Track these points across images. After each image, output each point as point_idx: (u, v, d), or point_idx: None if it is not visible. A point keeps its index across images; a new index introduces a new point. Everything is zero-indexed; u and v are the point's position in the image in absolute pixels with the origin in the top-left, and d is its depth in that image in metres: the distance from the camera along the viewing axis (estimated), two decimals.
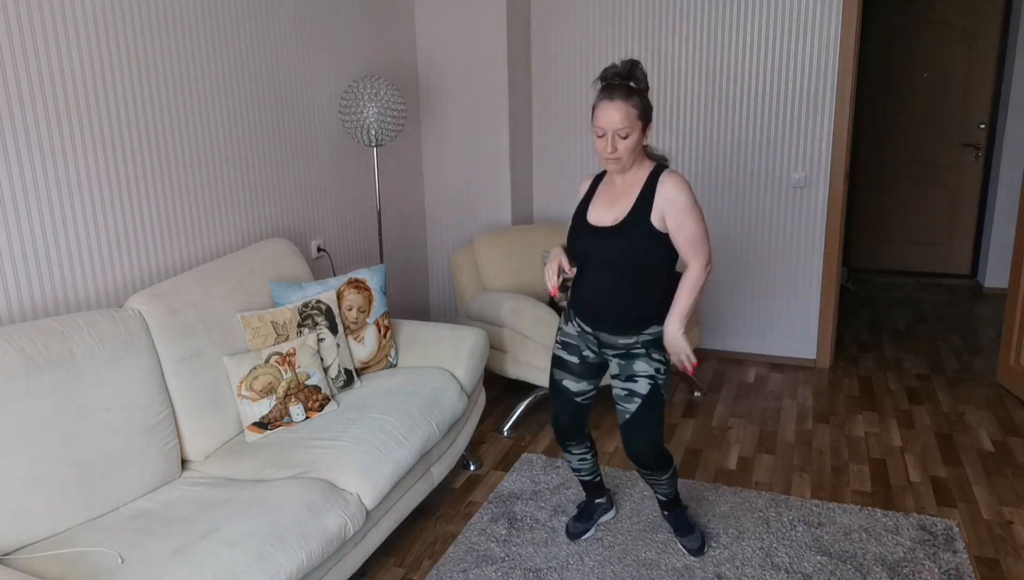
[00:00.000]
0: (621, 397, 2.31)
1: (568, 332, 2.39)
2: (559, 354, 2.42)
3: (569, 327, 2.39)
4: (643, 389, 2.26)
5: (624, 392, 2.30)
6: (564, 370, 2.41)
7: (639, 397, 2.27)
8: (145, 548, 1.82)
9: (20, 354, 1.91)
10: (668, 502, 2.54)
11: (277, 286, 2.72)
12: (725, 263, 4.26)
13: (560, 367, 2.41)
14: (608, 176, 2.30)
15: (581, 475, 2.60)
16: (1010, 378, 3.79)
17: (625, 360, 2.28)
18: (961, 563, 2.45)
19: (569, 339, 2.39)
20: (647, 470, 2.37)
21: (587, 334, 2.33)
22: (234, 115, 2.91)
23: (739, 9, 3.94)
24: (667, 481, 2.43)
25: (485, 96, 4.10)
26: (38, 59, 2.16)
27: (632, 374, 2.27)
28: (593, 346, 2.35)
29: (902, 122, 5.84)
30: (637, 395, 2.27)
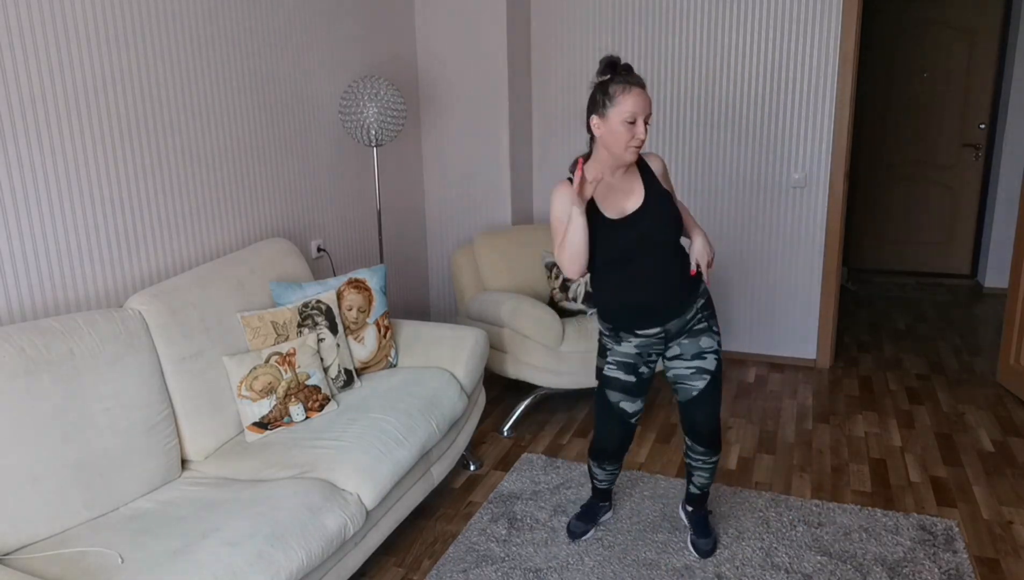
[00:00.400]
0: (686, 376, 2.30)
1: (623, 351, 2.30)
2: (615, 375, 2.32)
3: (623, 346, 2.30)
4: (711, 365, 2.29)
5: (690, 370, 2.29)
6: (622, 391, 2.33)
7: (708, 373, 2.29)
8: (145, 548, 1.82)
9: (20, 354, 1.91)
10: (701, 495, 2.53)
11: (277, 286, 2.72)
12: (725, 263, 4.26)
13: (617, 389, 2.33)
14: None
15: (602, 483, 2.60)
16: (1010, 378, 3.79)
17: (689, 338, 2.28)
18: (961, 563, 2.45)
19: (625, 358, 2.31)
20: (707, 449, 2.37)
21: (654, 338, 2.27)
22: (234, 115, 2.91)
23: (739, 9, 3.94)
24: (712, 467, 2.44)
25: (485, 96, 4.10)
26: (38, 59, 2.16)
27: (700, 351, 2.28)
28: (659, 348, 2.30)
29: (902, 122, 5.84)
30: (706, 372, 2.29)
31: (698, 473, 2.48)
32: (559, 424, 3.57)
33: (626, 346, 2.30)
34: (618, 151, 2.12)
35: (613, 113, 2.08)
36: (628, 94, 2.07)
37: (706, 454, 2.40)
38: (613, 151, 2.13)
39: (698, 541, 2.55)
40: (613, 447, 2.42)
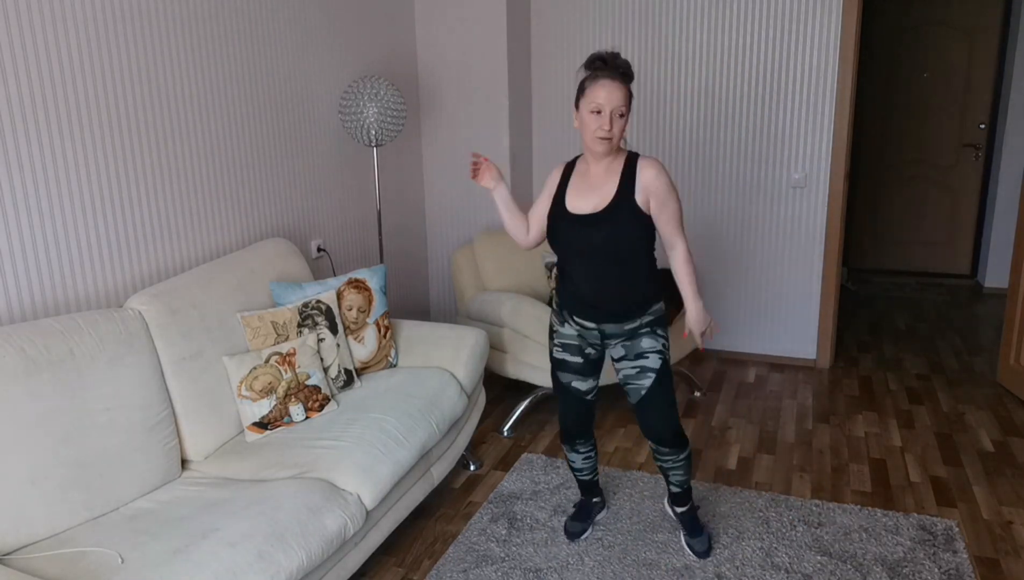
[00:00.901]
0: (632, 376, 2.30)
1: (566, 333, 2.37)
2: (560, 357, 2.39)
3: (566, 329, 2.36)
4: (655, 363, 2.29)
5: (635, 370, 2.30)
6: (569, 371, 2.39)
7: (652, 371, 2.29)
8: (145, 548, 1.82)
9: (20, 354, 1.91)
10: (682, 494, 2.52)
11: (277, 286, 2.72)
12: (725, 263, 4.26)
13: (564, 369, 2.40)
14: (581, 165, 2.27)
15: (582, 475, 2.61)
16: (1010, 378, 3.79)
17: (630, 340, 2.30)
18: (961, 563, 2.45)
19: (568, 340, 2.37)
20: (665, 448, 2.37)
21: (589, 330, 2.32)
22: (234, 115, 2.91)
23: (739, 9, 3.94)
24: (683, 463, 2.42)
25: (485, 96, 4.10)
26: (38, 59, 2.16)
27: (641, 351, 2.29)
28: (595, 341, 2.34)
29: (902, 122, 5.84)
30: (650, 370, 2.29)
31: (672, 472, 2.46)
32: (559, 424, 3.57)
33: (568, 328, 2.36)
34: (587, 142, 2.15)
35: (583, 104, 2.13)
36: (595, 85, 2.10)
37: (672, 453, 2.38)
38: (585, 142, 2.17)
39: (692, 541, 2.54)
40: (575, 425, 2.46)
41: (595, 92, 2.09)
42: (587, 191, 2.21)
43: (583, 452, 2.54)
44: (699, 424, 3.54)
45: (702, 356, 4.40)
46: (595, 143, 2.13)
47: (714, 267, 4.29)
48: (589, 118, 2.11)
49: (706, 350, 2.45)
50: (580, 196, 2.22)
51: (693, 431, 3.46)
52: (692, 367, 4.25)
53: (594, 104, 2.09)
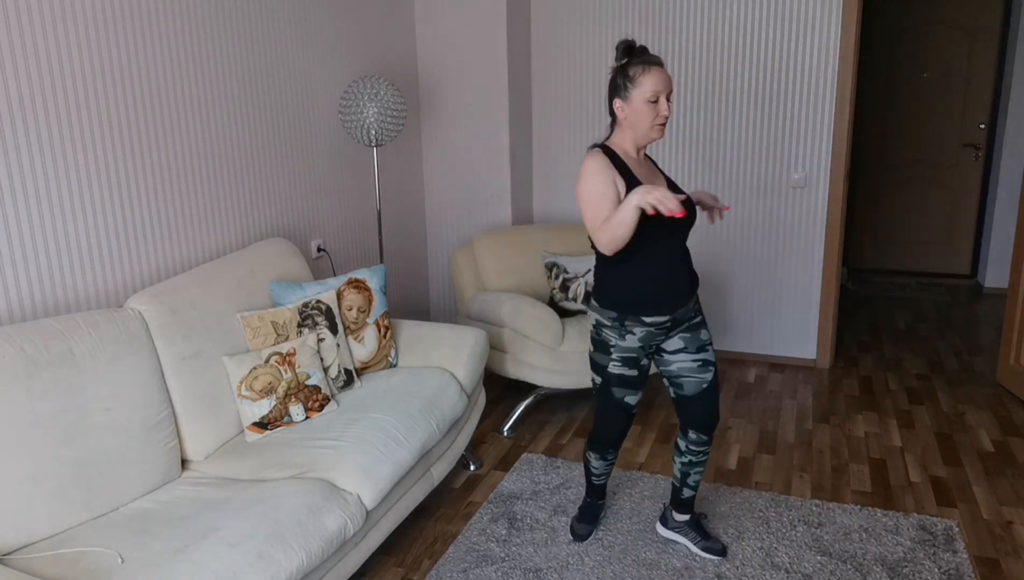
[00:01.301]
0: (692, 369, 2.33)
1: (627, 346, 2.26)
2: (619, 372, 2.29)
3: (627, 340, 2.25)
4: (712, 357, 2.37)
5: (696, 363, 2.33)
6: (627, 386, 2.32)
7: (712, 365, 2.35)
8: (145, 548, 1.82)
9: (20, 354, 1.91)
10: (692, 499, 2.53)
11: (277, 286, 2.72)
12: (725, 263, 4.26)
13: (623, 385, 2.32)
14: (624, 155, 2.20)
15: (598, 479, 2.60)
16: (1010, 378, 3.79)
17: (690, 333, 2.32)
18: (961, 563, 2.45)
19: (629, 353, 2.27)
20: (706, 437, 2.42)
21: (658, 329, 2.24)
22: (234, 115, 2.91)
23: (739, 9, 3.94)
24: (707, 456, 2.49)
25: (485, 96, 4.10)
26: (38, 59, 2.16)
27: (702, 344, 2.33)
28: (659, 339, 2.29)
29: (902, 122, 5.84)
30: (710, 364, 2.35)
31: (696, 470, 2.48)
32: (559, 424, 3.57)
33: (630, 339, 2.26)
34: (644, 130, 2.16)
35: (636, 94, 2.12)
36: (648, 74, 2.10)
37: (707, 443, 2.44)
38: (639, 131, 2.17)
39: (708, 544, 2.52)
40: (615, 437, 2.45)
41: (648, 80, 2.10)
42: (649, 176, 2.27)
43: (610, 459, 2.54)
44: None
45: None
46: (655, 130, 2.16)
47: (714, 267, 4.29)
48: (646, 108, 2.12)
49: None
50: (649, 180, 2.25)
51: None
52: None
53: (651, 92, 2.10)
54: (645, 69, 2.11)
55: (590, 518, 2.67)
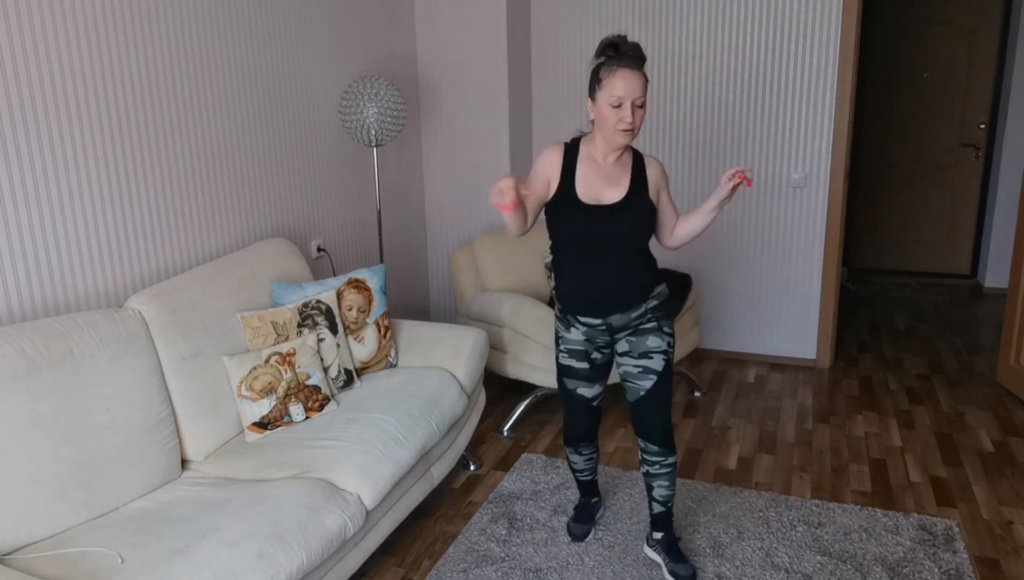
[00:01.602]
0: (633, 374, 2.28)
1: (572, 338, 2.31)
2: (567, 363, 2.35)
3: (571, 333, 2.31)
4: (658, 365, 2.26)
5: (637, 369, 2.27)
6: (576, 378, 2.35)
7: (654, 373, 2.26)
8: (145, 548, 1.82)
9: (20, 354, 1.91)
10: (665, 514, 2.41)
11: (277, 286, 2.72)
12: (725, 263, 4.26)
13: (571, 376, 2.36)
14: (589, 155, 2.18)
15: (583, 475, 2.60)
16: (1010, 378, 3.79)
17: (636, 337, 2.27)
18: (961, 563, 2.45)
19: (574, 346, 2.32)
20: (654, 447, 2.31)
21: (596, 329, 2.27)
22: (234, 115, 2.91)
23: (739, 9, 3.94)
24: (669, 472, 2.34)
25: (485, 96, 4.10)
26: (38, 59, 2.16)
27: (646, 350, 2.26)
28: (603, 338, 2.30)
29: (902, 122, 5.84)
30: (652, 372, 2.26)
31: (657, 483, 2.37)
32: (559, 424, 3.57)
33: (574, 333, 2.31)
34: (607, 134, 2.10)
35: (601, 96, 2.06)
36: (613, 76, 2.03)
37: (660, 454, 2.32)
38: (603, 134, 2.11)
39: (676, 568, 2.37)
40: (581, 431, 2.44)
41: (613, 84, 2.03)
42: (602, 184, 2.16)
43: (586, 454, 2.53)
44: (699, 424, 3.54)
45: (702, 356, 4.40)
46: (617, 136, 2.08)
47: (714, 267, 4.29)
48: (609, 112, 2.05)
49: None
50: (594, 188, 2.16)
51: (693, 431, 3.46)
52: (692, 367, 4.25)
53: (613, 97, 2.03)
54: (611, 71, 2.04)
55: (586, 517, 2.66)
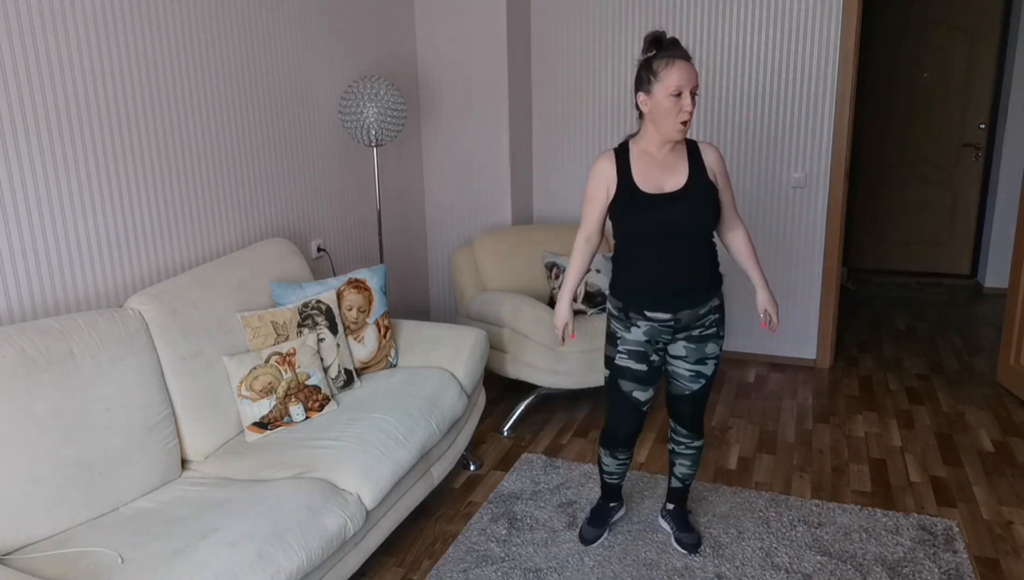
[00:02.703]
0: (684, 377, 2.33)
1: (633, 339, 2.27)
2: (626, 365, 2.29)
3: (632, 333, 2.27)
4: (710, 370, 2.34)
5: (690, 373, 2.33)
6: (634, 381, 2.31)
7: (704, 378, 2.34)
8: (145, 548, 1.82)
9: (20, 354, 1.91)
10: (683, 490, 2.55)
11: (277, 286, 2.72)
12: (725, 263, 4.26)
13: (629, 378, 2.31)
14: (640, 152, 2.21)
15: (612, 478, 2.57)
16: (1010, 378, 3.79)
17: (696, 343, 2.29)
18: (961, 563, 2.45)
19: (635, 346, 2.27)
20: (687, 431, 2.43)
21: (663, 325, 2.25)
22: (234, 115, 2.91)
23: (739, 9, 3.94)
24: (695, 454, 2.48)
25: (485, 96, 4.10)
26: (38, 59, 2.16)
27: (703, 357, 2.31)
28: (665, 337, 2.28)
29: (902, 122, 5.84)
30: (703, 376, 2.33)
31: (680, 461, 2.50)
32: (559, 424, 3.57)
33: (635, 333, 2.27)
34: (666, 126, 2.10)
35: (658, 88, 2.07)
36: (672, 67, 2.05)
37: (689, 437, 2.45)
38: (661, 127, 2.12)
39: (682, 536, 2.55)
40: (625, 434, 2.41)
41: (671, 74, 2.05)
42: (660, 174, 2.17)
43: (621, 459, 2.50)
44: None
45: None
46: (676, 128, 2.10)
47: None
48: (668, 102, 2.06)
49: None
50: (654, 179, 2.17)
51: None
52: None
53: (674, 87, 2.04)
54: (669, 63, 2.05)
55: (600, 522, 2.64)
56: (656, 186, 2.17)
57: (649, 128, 2.16)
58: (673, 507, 2.61)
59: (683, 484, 2.55)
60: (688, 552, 2.53)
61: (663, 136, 2.14)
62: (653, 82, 2.08)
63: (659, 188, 2.17)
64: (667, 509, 2.64)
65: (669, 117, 2.08)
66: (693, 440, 2.46)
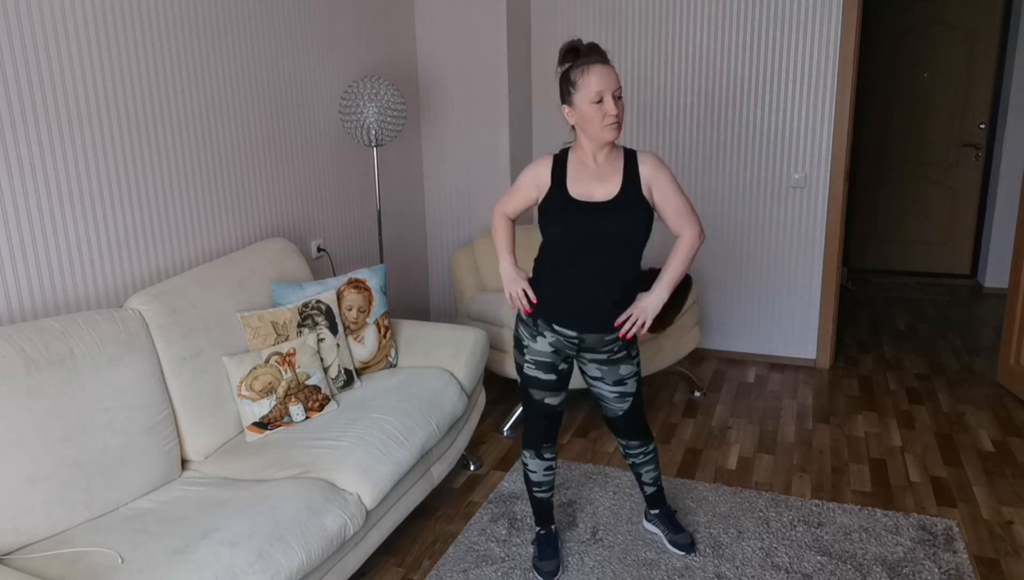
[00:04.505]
0: (609, 398, 2.34)
1: (539, 349, 2.24)
2: (534, 374, 2.27)
3: (538, 343, 2.23)
4: (632, 388, 2.32)
5: (613, 394, 2.32)
6: (543, 389, 2.28)
7: (631, 395, 2.33)
8: (145, 548, 1.82)
9: (20, 354, 1.91)
10: (657, 492, 2.55)
11: (277, 286, 2.72)
12: (725, 263, 4.26)
13: (538, 387, 2.28)
14: (576, 158, 2.17)
15: (540, 490, 2.46)
16: (1010, 378, 3.79)
17: (608, 366, 2.27)
18: (961, 563, 2.45)
19: (541, 357, 2.24)
20: (638, 442, 2.43)
21: (568, 341, 2.22)
22: (234, 115, 2.91)
23: (739, 9, 3.94)
24: (652, 457, 2.48)
25: (485, 96, 4.10)
26: (38, 59, 2.16)
27: (620, 378, 2.29)
28: (571, 352, 2.26)
29: (902, 122, 5.84)
30: (628, 395, 2.33)
31: (643, 468, 2.50)
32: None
33: (541, 342, 2.23)
34: (595, 132, 2.07)
35: (579, 98, 2.05)
36: (588, 74, 2.02)
37: (640, 445, 2.45)
38: (590, 134, 2.08)
39: (675, 537, 2.54)
40: (544, 434, 2.37)
41: (589, 82, 2.01)
42: (592, 182, 2.13)
43: (547, 459, 2.40)
44: (699, 424, 3.54)
45: (702, 356, 4.40)
46: (606, 131, 2.05)
47: (714, 267, 4.29)
48: (591, 109, 2.03)
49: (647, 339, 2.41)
50: (585, 186, 2.13)
51: (693, 431, 3.46)
52: (692, 367, 4.25)
53: (593, 93, 2.01)
54: (585, 70, 2.02)
55: (551, 551, 2.49)
56: (586, 193, 2.12)
57: (581, 137, 2.13)
58: (657, 511, 2.60)
59: (656, 486, 2.55)
60: (685, 552, 2.52)
61: (595, 142, 2.10)
62: (573, 93, 2.06)
63: (590, 196, 2.12)
64: (651, 514, 2.63)
65: (594, 123, 2.05)
66: (645, 446, 2.45)
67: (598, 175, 2.14)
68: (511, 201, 2.30)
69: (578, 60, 2.05)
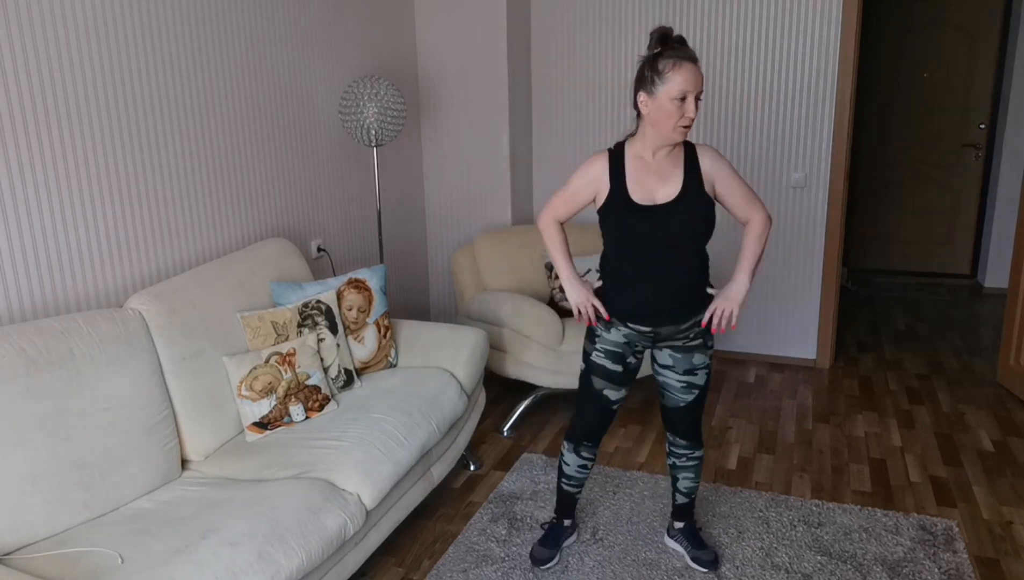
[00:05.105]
0: (676, 388, 2.28)
1: (611, 339, 2.23)
2: (601, 363, 2.25)
3: (611, 334, 2.22)
4: (701, 380, 2.27)
5: (681, 384, 2.27)
6: (607, 380, 2.26)
7: (698, 388, 2.28)
8: (145, 548, 1.82)
9: (20, 354, 1.91)
10: (687, 505, 2.49)
11: (277, 286, 2.72)
12: (725, 263, 4.26)
13: (602, 377, 2.26)
14: (635, 155, 2.13)
15: (569, 484, 2.47)
16: (1010, 378, 3.79)
17: (682, 354, 2.23)
18: (961, 563, 2.45)
19: (612, 347, 2.23)
20: (686, 443, 2.38)
21: (642, 335, 2.21)
22: (234, 115, 2.91)
23: (739, 9, 3.94)
24: (696, 465, 2.42)
25: (485, 96, 4.10)
26: (38, 59, 2.16)
27: (692, 367, 2.25)
28: (645, 343, 2.24)
29: (902, 122, 5.85)
30: (696, 387, 2.27)
31: (684, 474, 2.43)
32: (559, 424, 3.57)
33: (615, 334, 2.22)
34: (665, 130, 2.02)
35: (662, 90, 1.97)
36: (678, 70, 1.95)
37: (688, 448, 2.39)
38: (660, 130, 2.03)
39: (699, 554, 2.45)
40: (591, 429, 2.35)
41: (677, 77, 1.95)
42: (654, 182, 2.09)
43: (585, 457, 2.41)
44: None
45: None
46: (676, 132, 2.01)
47: (714, 267, 4.29)
48: (671, 106, 1.97)
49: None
50: (646, 187, 2.09)
51: None
52: None
53: (678, 91, 1.95)
54: (677, 64, 1.95)
55: (553, 542, 2.51)
56: (648, 196, 2.09)
57: (647, 130, 2.07)
58: (682, 525, 2.53)
59: (688, 499, 2.48)
60: (708, 570, 2.43)
61: (661, 139, 2.06)
62: (657, 83, 1.98)
63: (651, 198, 2.09)
64: (676, 528, 2.55)
65: (670, 121, 2.00)
66: (693, 451, 2.39)
67: (659, 173, 2.10)
68: (565, 205, 2.23)
69: (671, 51, 1.98)
